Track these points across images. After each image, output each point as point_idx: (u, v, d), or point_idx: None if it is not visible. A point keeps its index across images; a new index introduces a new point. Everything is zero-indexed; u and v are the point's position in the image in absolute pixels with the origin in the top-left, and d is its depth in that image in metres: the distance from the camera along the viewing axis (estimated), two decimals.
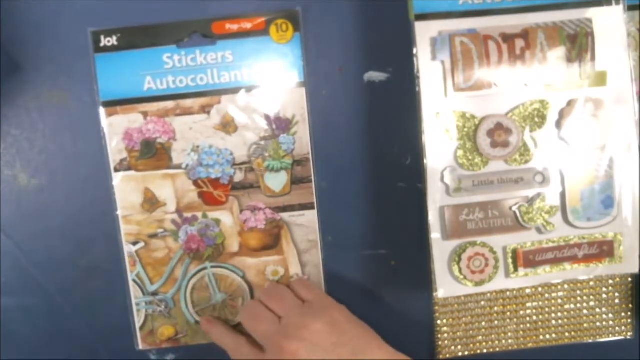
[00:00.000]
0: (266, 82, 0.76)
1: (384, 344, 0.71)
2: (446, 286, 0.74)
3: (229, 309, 0.80)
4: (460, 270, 0.73)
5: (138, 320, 0.80)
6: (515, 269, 0.73)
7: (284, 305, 0.73)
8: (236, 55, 0.76)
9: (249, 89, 0.76)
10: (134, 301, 0.79)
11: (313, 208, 0.78)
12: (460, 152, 0.72)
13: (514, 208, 0.73)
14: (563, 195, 0.73)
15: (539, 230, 0.73)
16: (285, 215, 0.78)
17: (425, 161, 0.71)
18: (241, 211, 0.78)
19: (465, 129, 0.71)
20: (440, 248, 0.73)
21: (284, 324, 0.71)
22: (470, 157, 0.72)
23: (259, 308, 0.74)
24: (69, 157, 0.77)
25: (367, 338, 0.71)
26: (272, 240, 0.79)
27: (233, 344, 0.75)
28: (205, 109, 0.76)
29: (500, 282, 0.74)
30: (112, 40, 0.75)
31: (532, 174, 0.72)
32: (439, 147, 0.71)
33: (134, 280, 0.79)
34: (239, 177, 0.78)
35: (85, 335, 0.80)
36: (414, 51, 0.71)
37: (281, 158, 0.77)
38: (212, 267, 0.79)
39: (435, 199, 0.72)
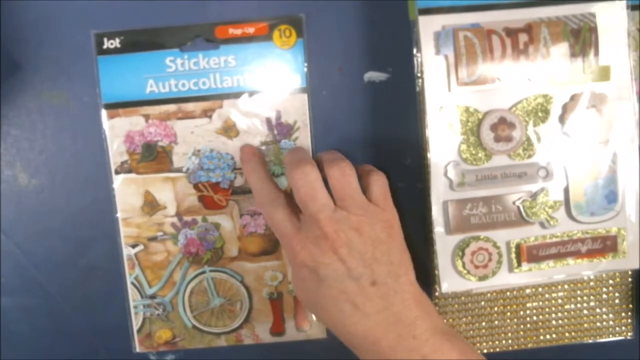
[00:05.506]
0: (268, 87, 0.74)
1: (415, 282, 0.65)
2: (449, 280, 0.72)
3: (227, 313, 0.77)
4: (463, 264, 0.71)
5: (136, 323, 0.77)
6: (519, 264, 0.71)
7: (347, 200, 0.65)
8: (239, 60, 0.73)
9: (251, 94, 0.74)
10: (131, 304, 0.76)
11: None
12: (463, 147, 0.70)
13: (517, 203, 0.71)
14: (566, 190, 0.71)
15: (542, 225, 0.71)
16: None
17: (428, 155, 0.70)
18: (241, 215, 0.76)
19: (469, 124, 0.70)
20: (444, 242, 0.71)
21: (339, 216, 0.64)
22: (473, 152, 0.70)
23: (319, 185, 0.65)
24: (69, 157, 0.75)
25: (405, 269, 0.65)
26: (271, 245, 0.76)
27: (267, 195, 0.68)
28: (207, 113, 0.74)
29: (503, 277, 0.72)
30: (115, 43, 0.73)
31: (535, 169, 0.70)
32: (443, 142, 0.70)
33: (133, 283, 0.76)
34: (239, 181, 0.75)
35: (85, 335, 0.78)
36: (414, 50, 0.70)
37: (282, 163, 0.75)
38: (211, 271, 0.76)
39: (439, 194, 0.70)
